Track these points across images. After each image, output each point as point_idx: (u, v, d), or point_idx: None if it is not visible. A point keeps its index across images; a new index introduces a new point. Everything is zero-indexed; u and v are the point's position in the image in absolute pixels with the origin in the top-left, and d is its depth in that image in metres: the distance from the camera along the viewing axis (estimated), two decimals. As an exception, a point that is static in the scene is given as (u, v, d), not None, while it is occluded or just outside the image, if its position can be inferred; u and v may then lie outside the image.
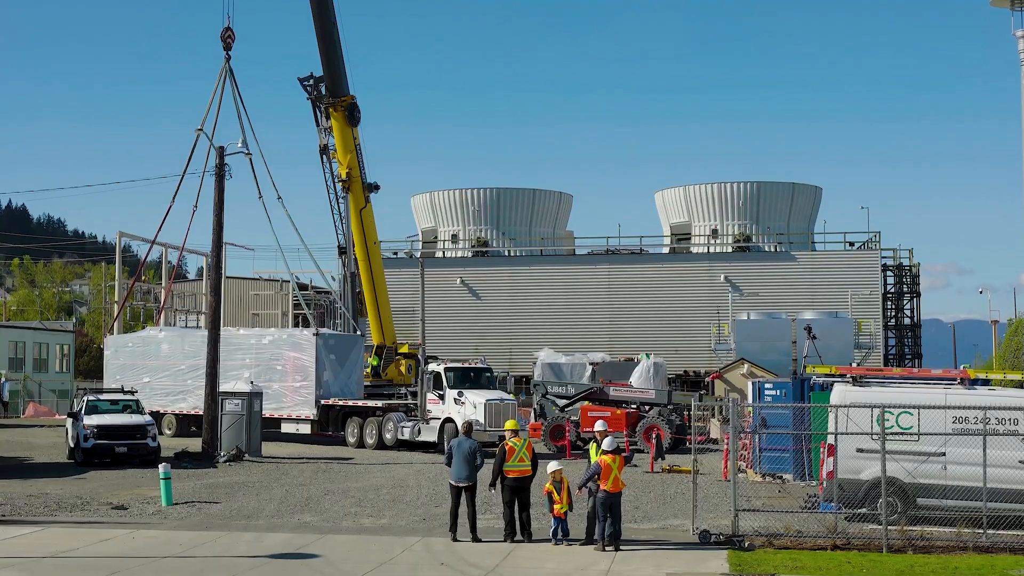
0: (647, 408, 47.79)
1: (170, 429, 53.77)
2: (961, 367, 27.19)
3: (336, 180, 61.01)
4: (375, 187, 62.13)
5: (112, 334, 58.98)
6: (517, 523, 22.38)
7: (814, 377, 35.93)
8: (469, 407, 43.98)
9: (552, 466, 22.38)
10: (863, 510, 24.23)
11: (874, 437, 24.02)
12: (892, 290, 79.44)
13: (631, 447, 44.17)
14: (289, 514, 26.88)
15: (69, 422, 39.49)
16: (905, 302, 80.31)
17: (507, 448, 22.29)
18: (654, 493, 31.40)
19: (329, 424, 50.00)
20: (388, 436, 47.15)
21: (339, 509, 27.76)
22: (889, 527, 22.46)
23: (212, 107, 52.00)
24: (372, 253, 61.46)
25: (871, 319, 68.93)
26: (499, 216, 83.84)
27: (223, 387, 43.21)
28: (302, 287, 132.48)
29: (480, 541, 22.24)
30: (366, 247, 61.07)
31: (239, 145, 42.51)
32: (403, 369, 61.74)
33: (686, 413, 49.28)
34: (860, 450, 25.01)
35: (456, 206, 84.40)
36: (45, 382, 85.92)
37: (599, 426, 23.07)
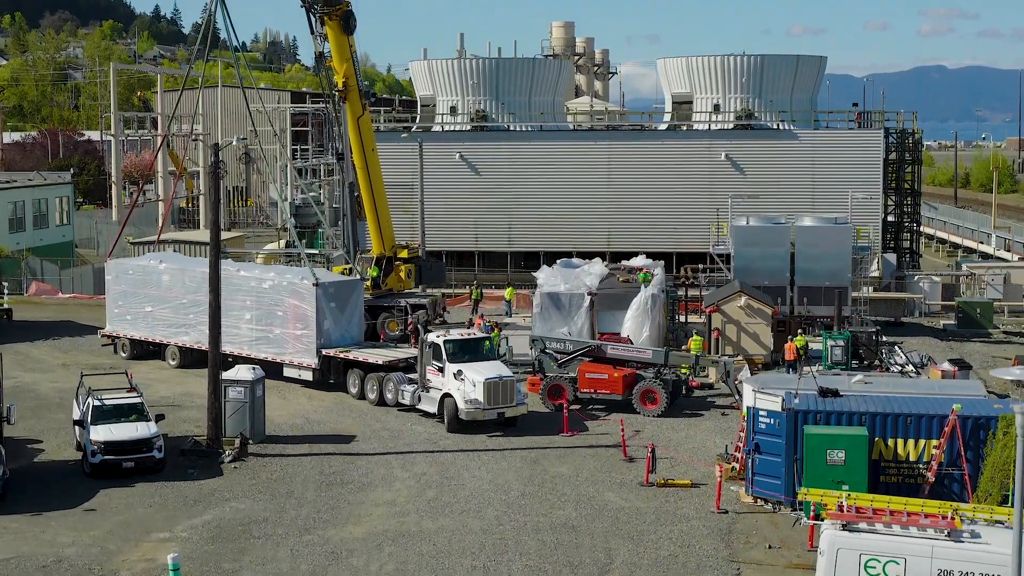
0: (645, 367, 48.47)
1: (174, 360, 54.77)
2: (951, 515, 27.55)
3: (333, 88, 60.02)
4: (372, 94, 61.14)
5: (114, 255, 59.34)
6: None
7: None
8: (468, 385, 44.59)
9: None
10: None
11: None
12: (894, 157, 78.94)
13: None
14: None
15: (76, 428, 40.33)
16: (906, 168, 79.92)
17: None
18: (648, 556, 32.32)
19: (330, 372, 50.77)
20: (389, 396, 48.01)
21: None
22: None
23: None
24: (371, 160, 61.00)
25: (871, 226, 68.78)
26: (498, 87, 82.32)
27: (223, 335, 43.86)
28: (298, 98, 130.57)
29: None
30: (364, 155, 60.58)
31: (234, 143, 41.85)
32: (403, 275, 62.24)
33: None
34: (847, 591, 25.90)
35: (455, 76, 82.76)
36: (46, 236, 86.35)
37: None
